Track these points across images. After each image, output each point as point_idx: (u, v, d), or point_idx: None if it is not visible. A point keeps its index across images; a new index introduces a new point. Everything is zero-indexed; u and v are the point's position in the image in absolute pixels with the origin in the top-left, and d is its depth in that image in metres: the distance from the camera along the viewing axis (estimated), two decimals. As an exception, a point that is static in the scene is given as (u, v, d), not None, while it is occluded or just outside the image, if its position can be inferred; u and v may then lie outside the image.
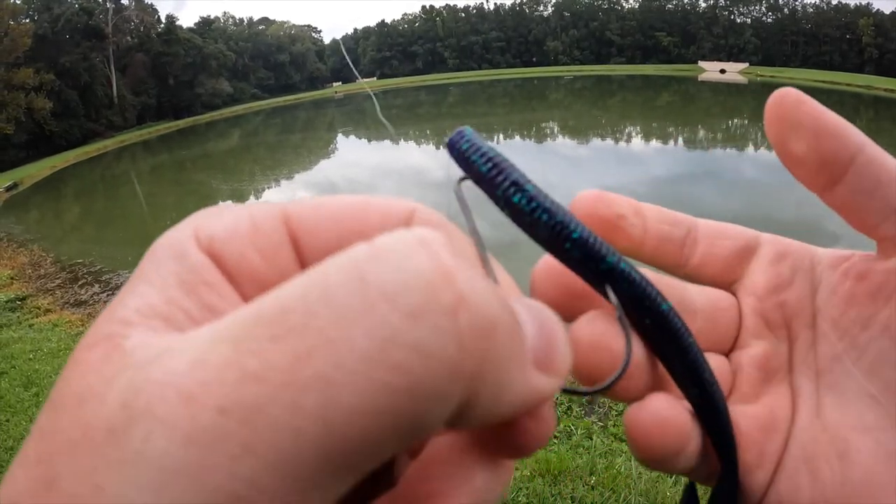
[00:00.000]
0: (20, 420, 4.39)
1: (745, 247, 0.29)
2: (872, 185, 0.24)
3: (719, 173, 14.30)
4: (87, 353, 0.15)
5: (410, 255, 0.13)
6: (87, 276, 9.07)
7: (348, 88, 62.15)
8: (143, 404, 0.13)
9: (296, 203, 0.19)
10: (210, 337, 0.13)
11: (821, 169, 0.25)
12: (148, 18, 52.05)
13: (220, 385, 0.12)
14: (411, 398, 0.12)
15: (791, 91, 0.26)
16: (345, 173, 17.72)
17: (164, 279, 0.17)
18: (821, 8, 66.57)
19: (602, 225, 0.28)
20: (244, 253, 0.17)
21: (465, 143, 0.20)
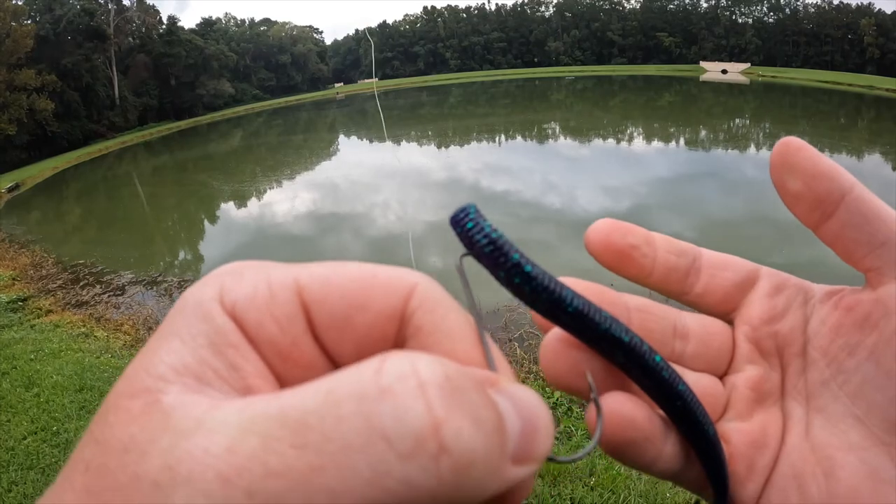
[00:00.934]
0: (21, 420, 4.40)
1: (745, 279, 0.31)
2: (860, 221, 0.27)
3: (721, 174, 14.26)
4: (129, 401, 0.18)
5: (409, 405, 0.16)
6: (88, 277, 9.09)
7: (350, 89, 62.18)
8: (185, 472, 0.15)
9: (309, 272, 0.20)
10: (240, 425, 0.16)
11: (815, 206, 0.28)
12: (150, 19, 52.08)
13: (249, 474, 0.15)
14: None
15: (793, 140, 0.28)
16: (347, 174, 17.69)
17: (193, 338, 0.19)
18: (822, 8, 66.50)
19: (616, 254, 0.29)
20: (262, 321, 0.20)
21: (470, 221, 0.22)
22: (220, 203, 16.15)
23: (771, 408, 0.30)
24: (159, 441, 0.16)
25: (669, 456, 0.28)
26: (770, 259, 7.45)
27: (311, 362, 0.20)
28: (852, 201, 0.28)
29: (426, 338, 0.20)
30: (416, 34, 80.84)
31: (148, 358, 0.19)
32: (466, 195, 13.37)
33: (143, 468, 0.16)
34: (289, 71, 71.26)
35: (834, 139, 18.89)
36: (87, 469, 0.17)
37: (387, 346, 0.20)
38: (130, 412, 0.17)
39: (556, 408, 3.97)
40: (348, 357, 0.20)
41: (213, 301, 0.20)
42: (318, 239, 11.20)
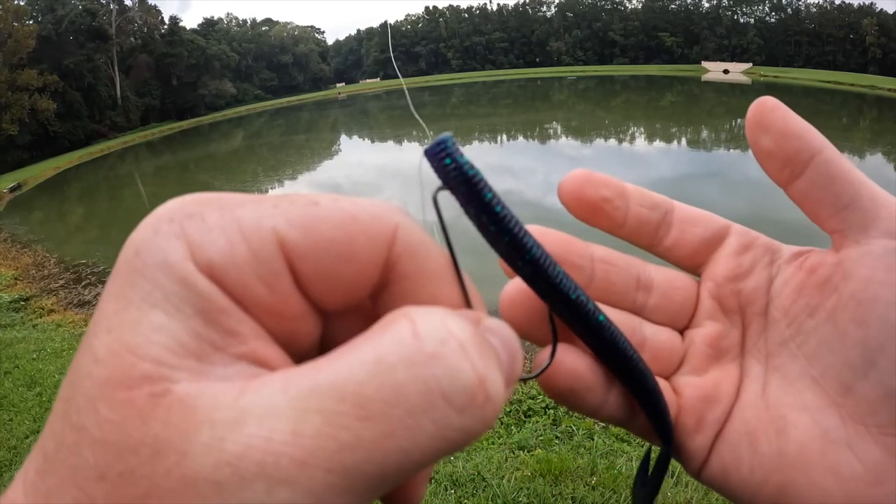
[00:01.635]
0: (23, 419, 4.41)
1: (714, 236, 0.31)
2: (826, 182, 0.27)
3: (723, 173, 14.27)
4: (127, 392, 0.16)
5: (458, 364, 0.17)
6: (90, 277, 9.09)
7: (352, 89, 62.21)
8: (254, 466, 0.15)
9: (286, 219, 0.19)
10: (295, 406, 0.16)
11: (785, 164, 0.28)
12: (151, 20, 52.15)
13: (324, 452, 0.16)
14: (454, 449, 0.18)
15: (768, 99, 0.29)
16: (349, 174, 17.72)
17: (178, 308, 0.17)
18: (824, 8, 66.49)
19: (587, 206, 0.30)
20: (247, 282, 0.18)
21: (448, 157, 0.22)
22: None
23: (728, 364, 0.30)
24: (197, 438, 0.16)
25: (613, 405, 0.29)
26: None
27: (300, 314, 0.20)
28: (821, 162, 0.28)
29: (411, 282, 0.21)
30: (418, 34, 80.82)
31: (127, 335, 0.17)
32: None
33: (193, 469, 0.16)
34: (290, 71, 71.30)
35: (836, 139, 18.19)
36: (104, 478, 0.16)
37: (371, 288, 0.21)
38: (136, 406, 0.16)
39: (558, 406, 3.96)
40: (335, 304, 0.20)
41: (185, 261, 0.18)
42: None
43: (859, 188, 0.27)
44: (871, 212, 0.27)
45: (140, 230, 0.19)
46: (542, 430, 3.70)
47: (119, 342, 0.17)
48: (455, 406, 0.17)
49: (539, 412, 3.96)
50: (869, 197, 0.27)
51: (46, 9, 42.41)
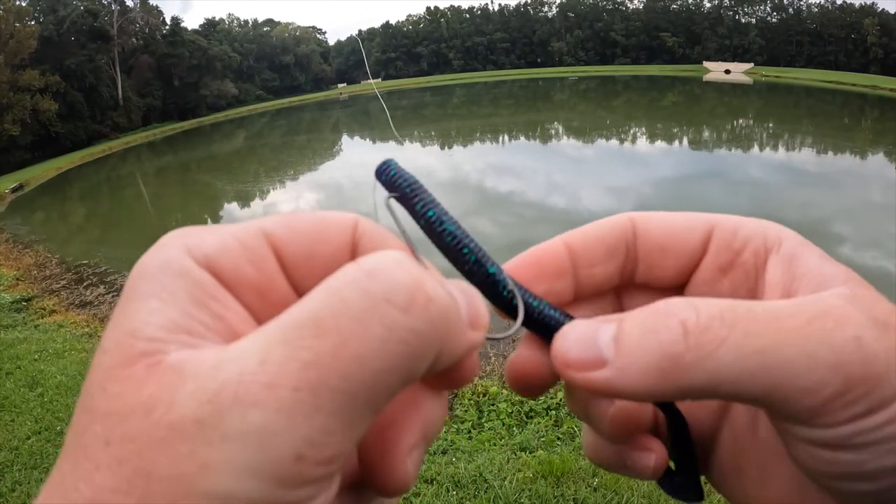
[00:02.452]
0: (25, 420, 4.40)
1: (688, 263, 0.30)
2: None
3: (724, 174, 14.23)
4: (128, 369, 0.19)
5: (395, 272, 0.20)
6: (92, 277, 9.09)
7: (353, 90, 62.21)
8: (230, 397, 0.18)
9: (271, 221, 0.24)
10: (261, 343, 0.19)
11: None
12: (153, 20, 52.19)
13: (288, 372, 0.18)
14: (411, 357, 0.19)
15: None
16: (351, 174, 17.69)
17: (173, 295, 0.21)
18: (825, 8, 66.46)
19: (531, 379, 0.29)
20: (239, 266, 0.22)
21: (392, 171, 0.27)
22: (224, 203, 16.16)
23: None
24: (182, 389, 0.18)
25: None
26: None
27: (285, 299, 0.23)
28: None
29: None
30: (420, 35, 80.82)
31: (127, 324, 0.20)
32: (471, 195, 13.39)
33: (179, 415, 0.18)
34: (292, 71, 71.35)
35: (837, 139, 18.84)
36: (109, 443, 0.18)
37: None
38: (134, 377, 0.19)
39: (560, 408, 3.96)
40: (314, 284, 0.21)
41: (184, 257, 0.22)
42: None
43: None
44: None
45: (147, 253, 0.22)
46: (544, 431, 3.69)
47: (121, 331, 0.20)
48: (398, 306, 0.19)
49: (541, 413, 3.96)
50: None
51: (48, 9, 42.47)
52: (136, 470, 0.18)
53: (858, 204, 10.61)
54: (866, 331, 0.22)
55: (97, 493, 0.18)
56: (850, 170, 14.51)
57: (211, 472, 0.17)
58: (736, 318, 0.23)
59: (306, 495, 0.19)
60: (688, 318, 0.23)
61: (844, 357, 0.21)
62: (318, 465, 0.19)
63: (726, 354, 0.22)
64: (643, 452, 0.29)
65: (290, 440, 0.18)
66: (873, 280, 2.43)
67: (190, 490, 0.17)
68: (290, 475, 0.18)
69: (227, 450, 0.17)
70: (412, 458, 0.24)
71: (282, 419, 0.18)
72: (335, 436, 0.19)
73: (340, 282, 0.20)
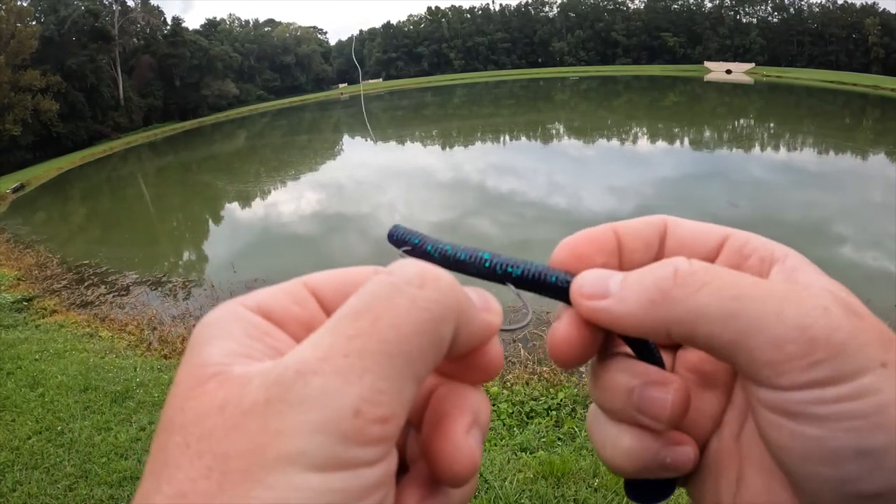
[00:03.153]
0: (26, 420, 4.40)
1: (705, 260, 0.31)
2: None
3: (726, 174, 14.22)
4: (203, 386, 0.22)
5: (406, 266, 0.24)
6: (93, 277, 9.10)
7: (354, 90, 62.22)
8: (292, 374, 0.21)
9: (308, 276, 0.29)
10: (311, 338, 0.23)
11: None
12: (154, 20, 52.18)
13: (338, 346, 0.22)
14: (433, 321, 0.23)
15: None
16: (352, 174, 17.70)
17: (232, 335, 0.25)
18: (826, 7, 66.36)
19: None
20: (285, 306, 0.27)
21: (399, 233, 0.32)
22: (225, 203, 16.17)
23: (710, 393, 0.33)
24: (249, 385, 0.21)
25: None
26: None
27: None
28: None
29: None
30: (420, 35, 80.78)
31: (196, 360, 0.24)
32: (472, 195, 13.42)
33: (248, 402, 0.21)
34: (293, 71, 71.33)
35: (839, 139, 18.83)
36: (189, 445, 0.21)
37: None
38: (208, 391, 0.22)
39: (561, 408, 3.96)
40: None
41: (238, 307, 0.26)
42: (324, 239, 11.19)
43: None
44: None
45: (200, 322, 0.26)
46: (545, 431, 3.69)
47: (190, 366, 0.23)
48: (414, 285, 0.23)
49: (541, 414, 3.96)
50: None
51: (49, 10, 42.48)
52: (215, 456, 0.20)
53: (859, 204, 10.60)
54: (836, 307, 0.25)
55: (179, 486, 0.20)
56: (851, 170, 14.50)
57: (283, 436, 0.20)
58: (723, 272, 0.26)
59: (366, 456, 0.21)
60: (680, 263, 0.27)
61: (811, 321, 0.24)
62: (375, 423, 0.21)
63: (707, 296, 0.25)
64: (679, 447, 0.31)
65: (347, 398, 0.21)
66: (874, 280, 2.47)
67: (265, 457, 0.20)
68: (350, 430, 0.21)
69: (295, 413, 0.20)
70: (472, 437, 0.26)
71: (338, 380, 0.21)
72: (386, 394, 0.22)
73: (367, 284, 0.24)
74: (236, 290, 7.78)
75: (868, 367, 0.23)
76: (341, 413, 0.21)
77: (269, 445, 0.20)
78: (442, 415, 0.27)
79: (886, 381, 0.23)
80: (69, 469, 3.74)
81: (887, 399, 0.23)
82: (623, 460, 0.31)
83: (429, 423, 0.27)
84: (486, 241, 9.71)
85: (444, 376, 0.29)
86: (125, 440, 4.04)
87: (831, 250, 8.16)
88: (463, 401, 0.27)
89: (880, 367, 0.24)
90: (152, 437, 2.51)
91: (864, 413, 0.23)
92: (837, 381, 0.23)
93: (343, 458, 0.21)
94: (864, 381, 0.23)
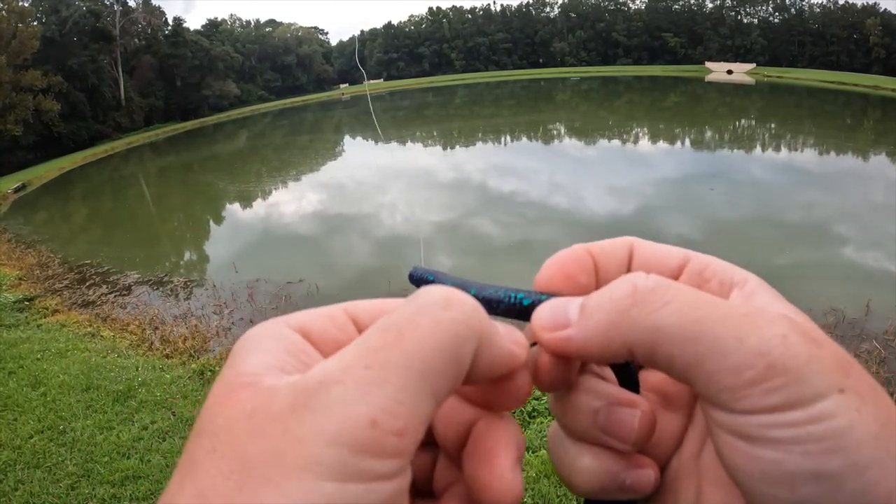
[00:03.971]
0: (28, 419, 4.41)
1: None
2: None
3: (727, 174, 14.20)
4: (235, 395, 0.24)
5: (432, 290, 0.26)
6: (94, 277, 9.11)
7: (356, 90, 62.22)
8: (315, 384, 0.23)
9: (350, 303, 0.30)
10: (337, 355, 0.24)
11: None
12: (155, 21, 52.19)
13: (361, 358, 0.23)
14: (454, 339, 0.24)
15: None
16: (354, 174, 17.69)
17: (269, 350, 0.26)
18: (828, 8, 66.33)
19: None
20: (326, 329, 0.28)
21: (419, 273, 0.33)
22: (226, 203, 16.17)
23: (673, 414, 0.33)
24: (278, 394, 0.23)
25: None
26: (776, 261, 7.44)
27: None
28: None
29: None
30: (421, 35, 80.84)
31: (232, 370, 0.25)
32: (473, 195, 13.43)
33: (276, 409, 0.22)
34: (294, 72, 71.35)
35: (840, 139, 18.82)
36: (215, 449, 0.22)
37: None
38: (239, 400, 0.23)
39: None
40: None
41: (279, 325, 0.28)
42: (326, 239, 11.18)
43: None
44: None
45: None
46: (547, 430, 3.69)
47: (228, 375, 0.25)
48: (439, 306, 0.25)
49: (544, 413, 3.96)
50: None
51: (50, 10, 42.49)
52: (237, 459, 0.21)
53: (860, 204, 10.59)
54: (794, 334, 0.25)
55: (201, 487, 0.21)
56: (851, 170, 14.49)
57: (302, 443, 0.21)
58: (684, 290, 0.27)
59: (381, 469, 0.22)
60: (639, 280, 0.27)
61: (769, 347, 0.24)
62: (391, 436, 0.22)
63: (668, 316, 0.26)
64: (640, 470, 0.31)
65: (366, 407, 0.22)
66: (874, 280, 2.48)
67: (284, 463, 0.21)
68: (367, 441, 0.22)
69: (315, 421, 0.22)
70: (517, 471, 0.27)
71: (359, 390, 0.22)
72: (404, 406, 0.22)
73: (399, 307, 0.25)
74: (237, 289, 7.80)
75: (825, 392, 0.24)
76: (359, 423, 0.22)
77: (288, 452, 0.21)
78: (489, 448, 0.28)
79: (843, 406, 0.24)
80: (71, 468, 3.75)
81: (843, 424, 0.24)
82: (581, 480, 0.32)
83: (475, 454, 0.28)
84: (487, 241, 9.72)
85: (475, 404, 0.30)
86: (127, 439, 4.04)
87: (832, 251, 8.16)
88: (507, 435, 0.28)
89: (837, 392, 0.24)
90: (154, 436, 2.52)
91: (821, 437, 0.24)
92: (794, 406, 0.24)
93: (358, 469, 0.21)
94: (821, 406, 0.24)
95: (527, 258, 8.34)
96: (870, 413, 0.24)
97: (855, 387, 0.25)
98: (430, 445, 0.31)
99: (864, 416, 0.24)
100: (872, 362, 4.88)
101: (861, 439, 0.24)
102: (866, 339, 5.34)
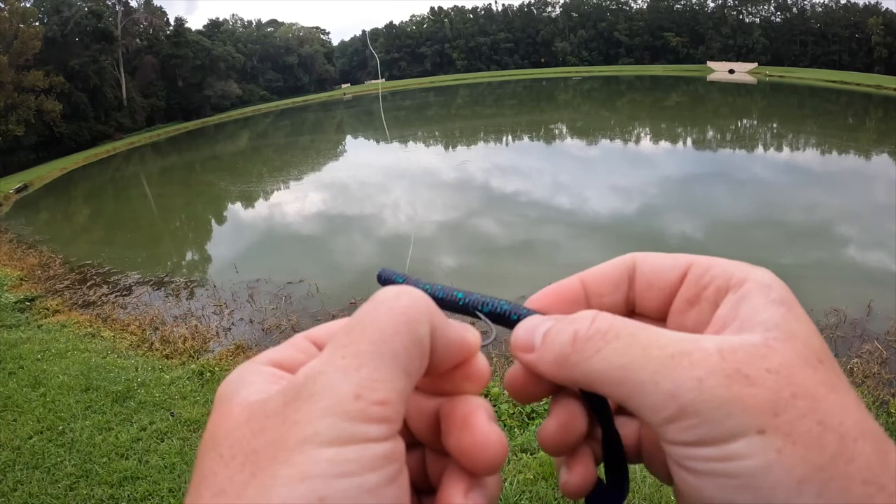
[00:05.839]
0: (27, 420, 4.40)
1: (667, 296, 0.36)
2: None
3: (729, 174, 14.18)
4: (231, 411, 0.27)
5: (386, 290, 0.29)
6: (95, 278, 9.11)
7: (357, 90, 62.22)
8: (301, 380, 0.26)
9: (309, 330, 0.34)
10: (316, 358, 0.28)
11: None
12: (157, 21, 52.24)
13: (335, 351, 0.27)
14: (410, 322, 0.27)
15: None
16: (355, 174, 17.68)
17: (253, 382, 0.29)
18: (830, 7, 66.27)
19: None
20: (293, 356, 0.31)
21: (386, 275, 0.36)
22: (228, 204, 16.15)
23: None
24: (270, 399, 0.27)
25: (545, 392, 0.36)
26: (777, 260, 7.41)
27: None
28: None
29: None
30: (423, 35, 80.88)
31: (226, 401, 0.28)
32: (476, 195, 13.42)
33: (270, 409, 0.26)
34: (296, 72, 71.37)
35: (842, 139, 18.77)
36: (223, 456, 0.26)
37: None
38: (234, 414, 0.27)
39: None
40: None
41: (254, 364, 0.31)
42: (327, 240, 11.18)
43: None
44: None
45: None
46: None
47: (221, 404, 0.28)
48: (391, 298, 0.28)
49: (542, 415, 3.94)
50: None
51: (52, 10, 42.57)
52: (245, 455, 0.25)
53: (862, 204, 10.56)
54: (714, 378, 0.26)
55: (218, 487, 0.25)
56: (854, 170, 14.45)
57: (299, 424, 0.25)
58: (619, 334, 0.30)
59: (372, 433, 0.25)
60: (579, 328, 0.31)
61: (682, 391, 0.26)
62: (374, 405, 0.25)
63: (598, 363, 0.29)
64: (568, 469, 0.35)
65: (348, 386, 0.25)
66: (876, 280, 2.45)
67: (287, 443, 0.25)
68: (354, 410, 0.25)
69: (308, 405, 0.25)
70: (495, 425, 0.30)
71: (339, 374, 0.26)
72: (380, 382, 0.26)
73: (363, 306, 0.29)
74: (238, 290, 7.80)
75: (740, 433, 0.25)
76: (344, 398, 0.25)
77: (289, 433, 0.25)
78: (460, 416, 0.30)
79: (759, 447, 0.25)
80: (70, 469, 3.74)
81: (758, 464, 0.25)
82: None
83: (452, 428, 0.30)
84: (489, 241, 9.70)
85: (441, 394, 0.32)
86: (126, 440, 4.04)
87: (834, 251, 8.13)
88: (473, 402, 0.31)
89: (756, 433, 0.25)
90: (153, 437, 2.51)
91: (734, 473, 0.25)
92: (708, 443, 0.26)
93: (351, 433, 0.25)
94: (735, 446, 0.25)
95: (529, 258, 8.33)
96: (797, 456, 0.25)
97: (783, 428, 0.25)
98: (416, 447, 0.34)
99: (785, 459, 0.25)
100: (874, 363, 4.85)
101: (778, 481, 0.25)
102: (868, 339, 5.32)
